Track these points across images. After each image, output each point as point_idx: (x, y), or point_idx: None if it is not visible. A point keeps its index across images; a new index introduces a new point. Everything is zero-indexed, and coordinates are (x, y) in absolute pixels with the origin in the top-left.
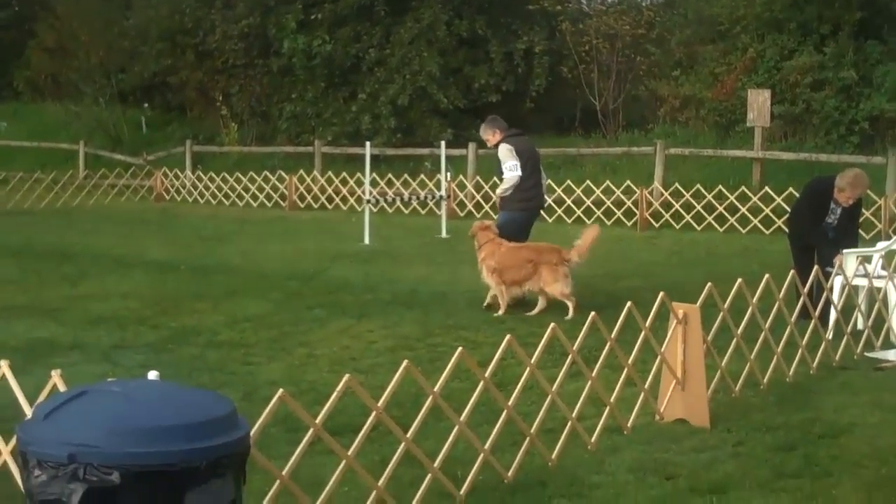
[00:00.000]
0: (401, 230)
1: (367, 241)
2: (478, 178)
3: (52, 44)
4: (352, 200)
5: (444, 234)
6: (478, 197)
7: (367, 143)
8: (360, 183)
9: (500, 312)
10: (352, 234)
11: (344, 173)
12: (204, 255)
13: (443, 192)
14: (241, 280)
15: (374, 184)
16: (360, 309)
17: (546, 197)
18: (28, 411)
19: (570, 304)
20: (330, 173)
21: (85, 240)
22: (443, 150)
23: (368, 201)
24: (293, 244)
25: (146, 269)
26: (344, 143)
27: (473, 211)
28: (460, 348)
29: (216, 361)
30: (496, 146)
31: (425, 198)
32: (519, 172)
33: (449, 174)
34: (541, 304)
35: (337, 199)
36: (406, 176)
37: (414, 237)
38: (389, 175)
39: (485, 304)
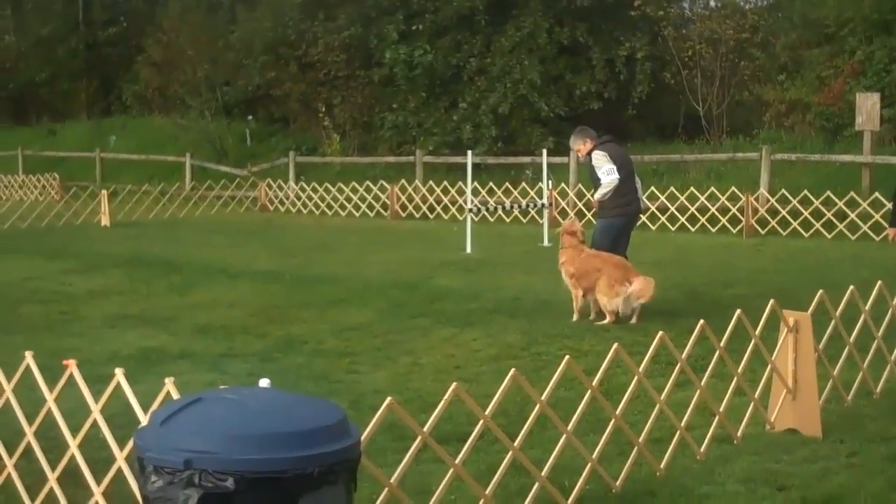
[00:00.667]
0: (502, 239)
1: (468, 249)
2: (579, 185)
3: (159, 58)
4: (453, 210)
5: (545, 243)
6: (579, 205)
7: (469, 153)
8: (461, 192)
9: (575, 318)
10: (454, 243)
11: (445, 182)
12: (308, 265)
13: (545, 201)
14: (345, 289)
15: (475, 193)
16: (463, 317)
17: (645, 201)
18: (142, 418)
19: (608, 318)
20: (431, 182)
21: (192, 250)
22: (544, 159)
23: (470, 210)
24: (396, 253)
25: (252, 278)
26: (445, 153)
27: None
28: (567, 356)
29: (322, 370)
30: (588, 155)
31: (527, 206)
32: (617, 176)
33: (550, 182)
34: (635, 313)
35: (438, 209)
36: (507, 184)
37: (516, 246)
38: (490, 184)
39: (590, 316)
